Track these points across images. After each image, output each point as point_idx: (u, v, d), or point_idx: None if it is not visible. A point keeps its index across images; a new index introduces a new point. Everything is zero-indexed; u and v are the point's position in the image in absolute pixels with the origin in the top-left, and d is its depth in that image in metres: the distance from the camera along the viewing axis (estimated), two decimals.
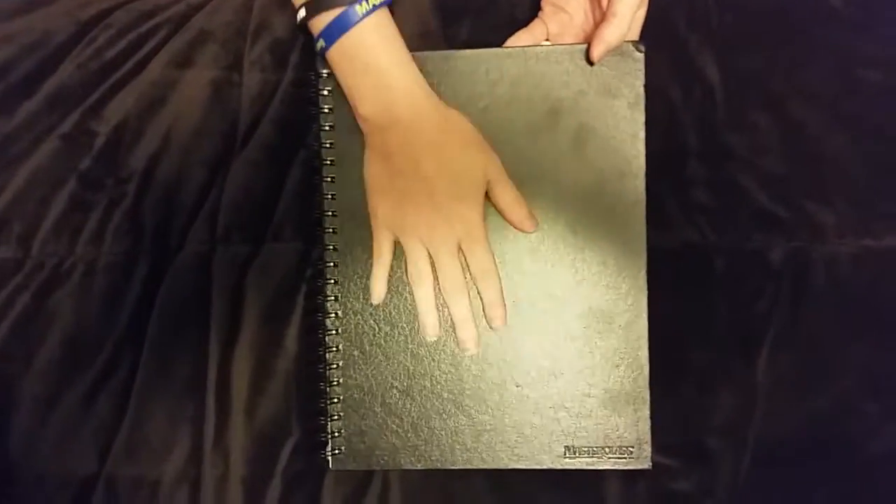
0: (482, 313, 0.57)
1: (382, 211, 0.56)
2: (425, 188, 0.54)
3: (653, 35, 0.58)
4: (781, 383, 0.59)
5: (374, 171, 0.56)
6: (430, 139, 0.55)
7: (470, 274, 0.56)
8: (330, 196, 0.58)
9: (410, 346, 0.57)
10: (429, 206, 0.55)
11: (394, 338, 0.57)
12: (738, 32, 0.65)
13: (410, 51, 0.56)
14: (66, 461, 0.60)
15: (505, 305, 0.57)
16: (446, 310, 0.57)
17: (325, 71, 0.58)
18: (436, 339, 0.57)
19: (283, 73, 0.65)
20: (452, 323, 0.57)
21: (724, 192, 0.62)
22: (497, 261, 0.57)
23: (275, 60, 0.65)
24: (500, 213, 0.56)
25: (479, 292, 0.57)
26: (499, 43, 0.61)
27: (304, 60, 0.65)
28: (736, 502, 0.58)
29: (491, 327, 0.57)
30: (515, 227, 0.57)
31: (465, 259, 0.56)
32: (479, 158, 0.55)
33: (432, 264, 0.56)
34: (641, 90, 0.56)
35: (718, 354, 0.60)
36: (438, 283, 0.57)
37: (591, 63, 0.56)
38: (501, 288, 0.56)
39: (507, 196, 0.56)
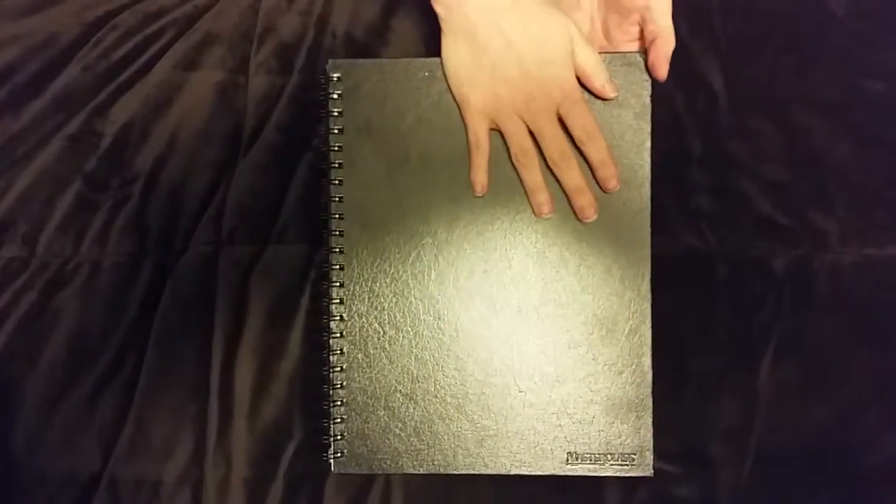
0: (591, 177, 0.55)
1: (475, 96, 0.54)
2: (514, 57, 0.52)
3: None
4: (783, 391, 0.58)
5: (457, 57, 0.54)
6: (508, 4, 0.52)
7: (574, 137, 0.54)
8: (337, 199, 0.56)
9: (414, 351, 0.56)
10: (521, 77, 0.52)
11: (398, 341, 0.56)
12: (742, 39, 0.64)
13: (418, 56, 0.55)
14: (69, 461, 0.59)
15: (616, 164, 0.55)
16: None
17: (334, 74, 0.56)
18: (552, 216, 0.55)
19: (289, 76, 0.64)
20: (567, 193, 0.55)
21: (727, 199, 0.61)
22: (504, 265, 0.56)
23: (280, 63, 0.64)
24: (580, 77, 0.54)
25: (586, 154, 0.54)
26: None
27: (310, 63, 0.64)
28: None
29: (605, 190, 0.55)
30: (595, 92, 0.54)
31: (567, 123, 0.54)
32: (560, 17, 0.53)
33: (533, 140, 0.54)
34: (648, 100, 0.55)
35: (720, 361, 0.59)
36: (545, 157, 0.55)
37: (660, 81, 0.55)
38: (608, 147, 0.54)
39: (590, 61, 0.54)
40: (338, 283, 0.56)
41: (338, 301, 0.56)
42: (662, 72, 0.54)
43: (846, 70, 0.63)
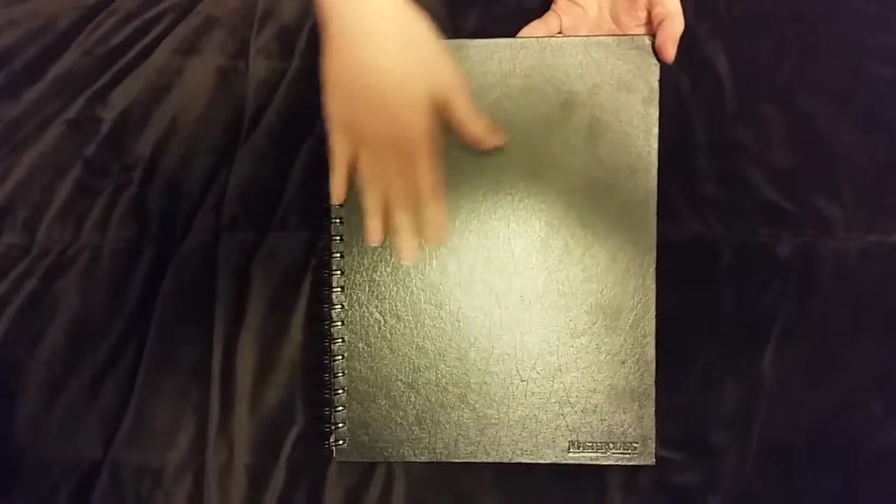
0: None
1: (338, 110, 0.51)
2: (380, 89, 0.49)
3: None
4: (787, 378, 0.56)
5: (332, 63, 0.50)
6: (394, 32, 0.49)
7: (417, 186, 0.51)
8: None
9: (416, 339, 0.55)
10: (381, 108, 0.49)
11: (399, 330, 0.55)
12: (748, 23, 0.62)
13: None
14: (70, 447, 0.58)
15: (447, 225, 0.53)
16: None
17: None
18: (378, 244, 0.53)
19: (290, 60, 0.62)
20: (393, 231, 0.52)
21: (732, 185, 0.59)
22: (506, 253, 0.54)
23: (281, 48, 0.63)
24: (455, 127, 0.51)
25: (423, 207, 0.52)
26: (505, 33, 0.57)
27: (311, 48, 0.62)
28: (740, 496, 0.55)
29: (426, 245, 0.53)
30: (475, 146, 0.52)
31: (415, 171, 0.51)
32: (442, 65, 0.50)
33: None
34: (656, 85, 0.53)
35: (724, 348, 0.57)
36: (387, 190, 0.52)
37: (667, 63, 0.53)
38: (445, 207, 0.52)
39: (461, 110, 0.51)
40: (338, 272, 0.55)
41: (339, 289, 0.55)
42: (670, 53, 0.52)
43: (852, 55, 0.61)
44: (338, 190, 0.53)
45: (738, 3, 0.62)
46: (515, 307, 0.54)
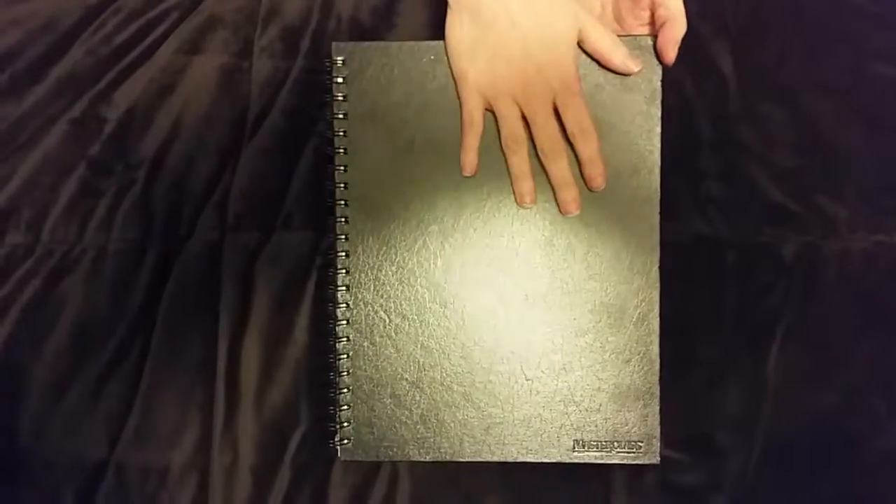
0: (579, 174, 0.53)
1: (473, 73, 0.52)
2: (517, 38, 0.50)
3: None
4: (791, 378, 0.56)
5: (459, 32, 0.52)
6: None
7: (567, 130, 0.52)
8: (342, 185, 0.55)
9: (421, 339, 0.54)
10: (522, 58, 0.50)
11: (404, 329, 0.54)
12: (753, 23, 0.61)
13: (425, 40, 0.53)
14: (75, 447, 0.58)
15: (605, 163, 0.53)
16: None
17: (338, 57, 0.54)
18: (532, 206, 0.53)
19: (294, 59, 0.62)
20: (553, 185, 0.53)
21: (736, 185, 0.59)
22: (511, 253, 0.54)
23: (285, 47, 0.62)
24: (598, 60, 0.52)
25: (577, 150, 0.52)
26: None
27: (315, 47, 0.62)
28: (744, 496, 0.55)
29: (590, 188, 0.53)
30: (618, 71, 0.52)
31: (562, 114, 0.52)
32: (569, 2, 0.51)
33: (526, 126, 0.52)
34: (658, 85, 0.53)
35: (728, 348, 0.57)
36: (535, 145, 0.53)
37: (668, 65, 0.52)
38: (599, 145, 0.52)
39: (604, 41, 0.52)
40: (343, 271, 0.55)
41: (343, 289, 0.55)
42: (670, 56, 0.52)
43: (857, 54, 0.61)
44: (471, 160, 0.53)
45: (743, 3, 0.61)
46: (520, 306, 0.54)
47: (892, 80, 0.60)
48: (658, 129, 0.53)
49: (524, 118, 0.52)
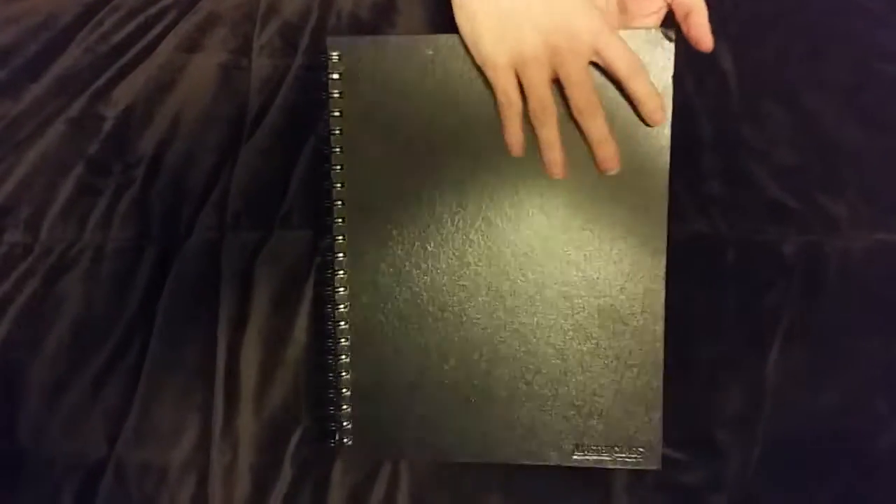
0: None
1: (497, 49, 0.50)
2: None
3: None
4: (792, 377, 0.56)
5: (472, 16, 0.50)
6: None
7: (614, 73, 0.50)
8: (338, 185, 0.54)
9: (420, 340, 0.54)
10: (547, 17, 0.48)
11: (403, 331, 0.54)
12: (754, 21, 0.61)
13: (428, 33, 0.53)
14: (74, 446, 0.57)
15: (660, 98, 0.50)
16: None
17: (334, 53, 0.53)
18: (562, 177, 0.51)
19: (293, 57, 0.62)
20: (591, 144, 0.51)
21: (737, 184, 0.58)
22: (511, 254, 0.53)
23: (284, 45, 0.62)
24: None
25: (630, 89, 0.50)
26: None
27: (314, 45, 0.61)
28: (744, 496, 0.55)
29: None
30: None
31: (603, 59, 0.49)
32: None
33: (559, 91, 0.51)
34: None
35: (729, 347, 0.56)
36: (570, 106, 0.50)
37: (707, 52, 0.51)
38: (651, 82, 0.50)
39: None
40: (341, 272, 0.54)
41: (342, 290, 0.54)
42: (709, 43, 0.50)
43: (858, 52, 0.60)
44: (519, 139, 0.52)
45: (744, 2, 0.61)
46: (520, 309, 0.53)
47: (894, 78, 0.60)
48: (668, 131, 0.51)
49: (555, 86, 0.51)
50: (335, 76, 0.54)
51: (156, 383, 0.58)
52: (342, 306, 0.54)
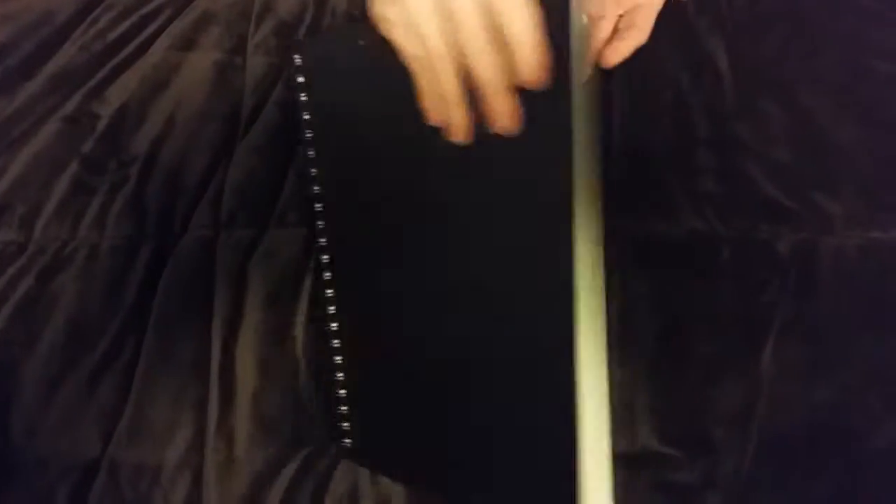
0: None
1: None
2: None
3: (661, 19, 0.53)
4: (786, 375, 0.55)
5: None
6: None
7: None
8: (316, 190, 0.54)
9: (415, 342, 0.54)
10: None
11: (398, 329, 0.54)
12: (749, 19, 0.61)
13: None
14: (68, 445, 0.57)
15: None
16: None
17: (296, 56, 0.53)
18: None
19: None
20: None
21: (732, 182, 0.58)
22: (493, 254, 0.52)
23: (279, 43, 0.62)
24: None
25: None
26: None
27: None
28: (739, 494, 0.54)
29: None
30: None
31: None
32: None
33: None
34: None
35: (723, 345, 0.56)
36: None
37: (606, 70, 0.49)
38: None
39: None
40: (330, 276, 0.54)
41: (332, 293, 0.54)
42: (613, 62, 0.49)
43: (854, 50, 0.60)
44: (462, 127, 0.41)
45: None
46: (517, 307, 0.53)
47: (890, 77, 0.60)
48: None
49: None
50: (300, 79, 0.53)
51: (150, 382, 0.57)
52: (332, 307, 0.54)
